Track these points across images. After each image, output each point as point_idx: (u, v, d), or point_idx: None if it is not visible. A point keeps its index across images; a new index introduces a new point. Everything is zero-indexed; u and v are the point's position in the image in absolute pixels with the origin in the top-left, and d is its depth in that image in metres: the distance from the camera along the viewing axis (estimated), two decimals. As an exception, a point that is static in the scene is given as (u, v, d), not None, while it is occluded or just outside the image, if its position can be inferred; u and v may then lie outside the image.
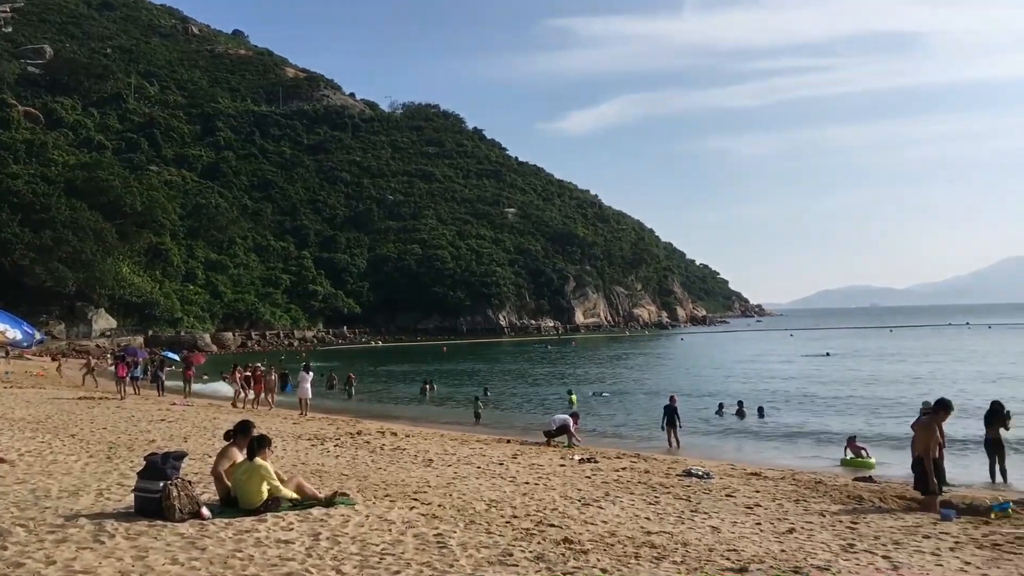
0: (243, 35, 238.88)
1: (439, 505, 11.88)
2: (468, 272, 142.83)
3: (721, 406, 33.03)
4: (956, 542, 10.72)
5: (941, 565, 9.44)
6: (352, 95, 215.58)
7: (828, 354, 69.64)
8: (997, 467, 17.81)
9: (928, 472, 13.14)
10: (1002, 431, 17.95)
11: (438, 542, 9.40)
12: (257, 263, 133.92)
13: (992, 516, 12.63)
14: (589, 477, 16.11)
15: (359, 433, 23.32)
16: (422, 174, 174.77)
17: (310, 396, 32.44)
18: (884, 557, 9.73)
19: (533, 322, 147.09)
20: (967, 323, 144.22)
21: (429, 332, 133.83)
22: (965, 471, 18.90)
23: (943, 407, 13.45)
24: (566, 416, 24.08)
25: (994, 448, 17.88)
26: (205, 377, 51.31)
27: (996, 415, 17.95)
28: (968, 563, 9.59)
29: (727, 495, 14.26)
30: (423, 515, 10.99)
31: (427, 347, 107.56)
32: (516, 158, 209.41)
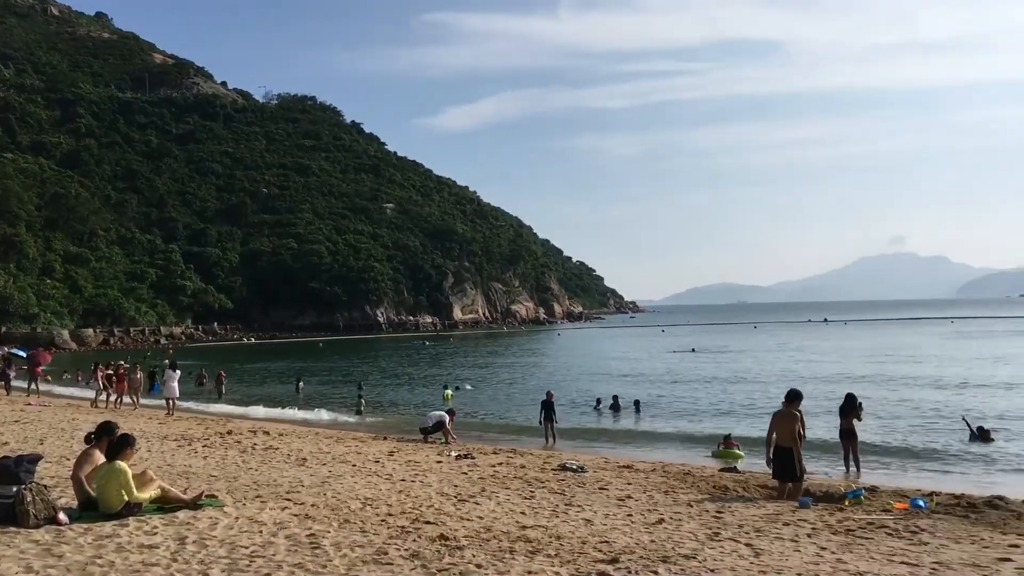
0: (107, 17, 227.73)
1: (312, 505, 11.65)
2: (345, 267, 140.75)
3: (598, 401, 33.69)
4: (813, 528, 11.26)
5: (799, 551, 9.90)
6: (224, 84, 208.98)
7: (694, 350, 72.06)
8: (851, 456, 18.77)
9: (798, 459, 13.81)
10: (855, 422, 18.92)
11: (311, 543, 9.21)
12: (121, 256, 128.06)
13: (846, 503, 13.35)
14: (466, 473, 16.13)
15: (229, 433, 22.62)
16: (298, 167, 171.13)
17: (177, 395, 31.32)
18: (747, 544, 10.12)
19: (411, 318, 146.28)
20: (825, 319, 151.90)
21: (305, 328, 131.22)
22: (819, 462, 19.91)
23: (797, 397, 14.23)
24: (443, 413, 24.08)
25: (848, 439, 18.82)
26: (66, 376, 48.77)
27: (850, 407, 18.92)
28: (824, 548, 10.08)
29: (600, 488, 14.55)
30: (295, 515, 10.75)
31: (302, 344, 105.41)
32: (395, 153, 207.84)
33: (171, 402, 30.51)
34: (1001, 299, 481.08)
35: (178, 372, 32.11)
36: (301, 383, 45.01)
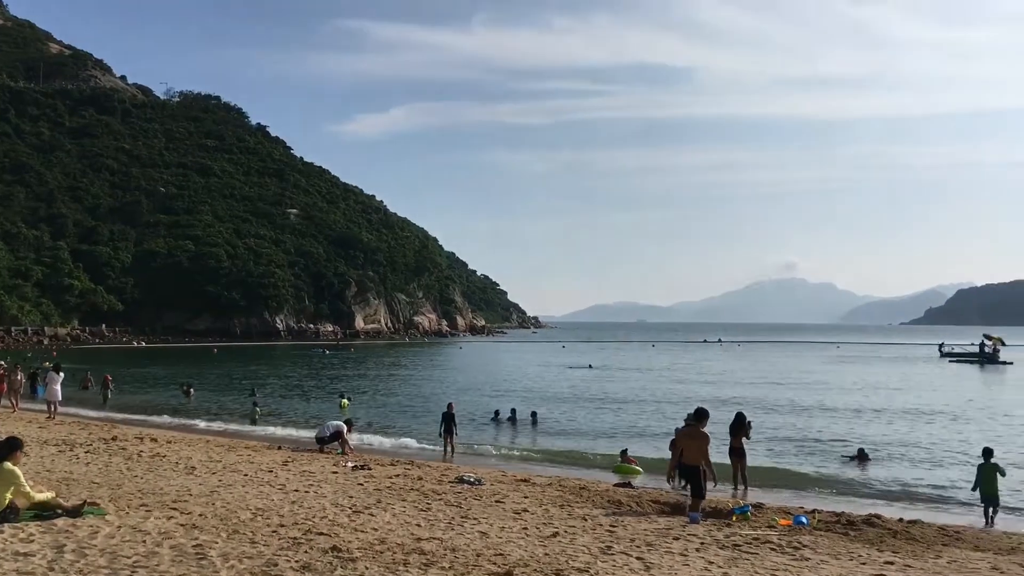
0: (2, 4, 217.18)
1: (200, 515, 11.31)
2: (245, 272, 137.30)
3: (497, 413, 33.78)
4: (702, 543, 11.55)
5: (688, 564, 10.14)
6: (123, 78, 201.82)
7: (591, 366, 73.07)
8: (739, 474, 19.28)
9: (707, 477, 14.02)
10: (744, 440, 19.48)
11: (197, 553, 8.95)
12: (5, 252, 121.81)
13: (734, 519, 13.73)
14: (362, 484, 15.93)
15: (114, 439, 21.79)
16: (199, 167, 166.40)
17: (60, 398, 29.99)
18: (638, 558, 10.31)
19: (312, 326, 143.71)
20: (719, 340, 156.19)
21: (199, 334, 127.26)
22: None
23: (705, 415, 14.43)
24: (340, 423, 23.72)
25: (737, 456, 19.35)
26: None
27: (740, 425, 19.48)
28: (711, 562, 10.36)
29: (497, 501, 14.58)
30: (182, 525, 10.42)
31: (196, 349, 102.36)
32: (301, 158, 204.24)
33: (53, 406, 29.21)
34: (883, 326, 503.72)
35: (61, 375, 30.79)
36: (192, 390, 43.68)
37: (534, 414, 33.26)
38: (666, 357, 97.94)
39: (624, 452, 23.43)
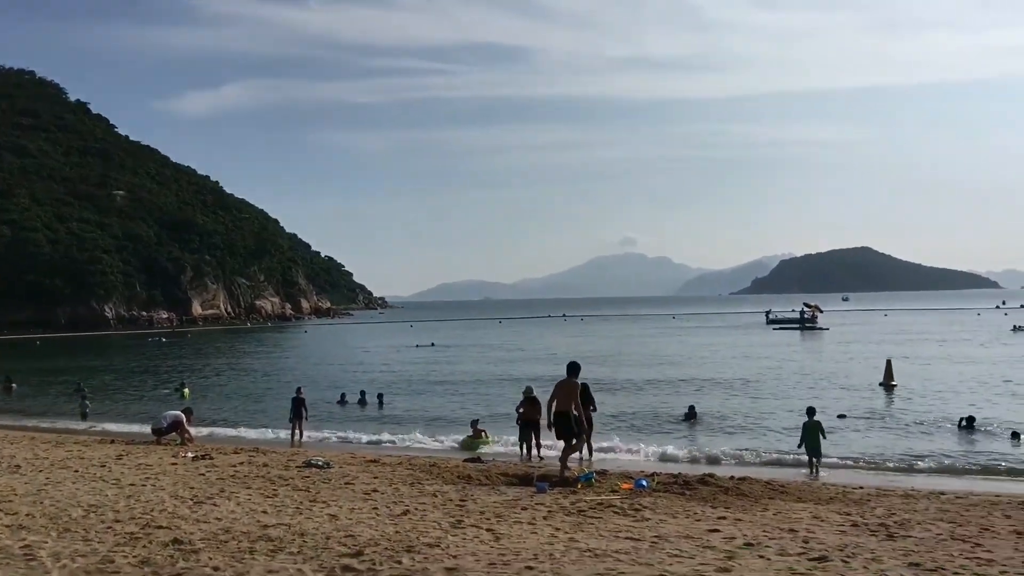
0: None
1: (27, 514, 10.67)
2: (68, 259, 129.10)
3: (343, 396, 33.38)
4: (549, 511, 11.89)
5: (536, 533, 10.41)
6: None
7: (433, 344, 73.40)
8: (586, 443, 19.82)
9: (576, 422, 15.09)
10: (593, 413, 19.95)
11: (25, 554, 8.45)
12: None
13: (579, 486, 14.19)
14: (203, 474, 15.42)
15: (-75, 441, 20.13)
16: (13, 147, 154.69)
17: None
18: (488, 530, 10.50)
19: (145, 314, 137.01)
20: (564, 315, 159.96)
21: (20, 325, 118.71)
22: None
23: (577, 368, 15.41)
24: (178, 412, 22.80)
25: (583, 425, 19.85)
26: None
27: (585, 396, 19.96)
28: (558, 529, 10.68)
29: (346, 483, 14.47)
30: (8, 527, 9.81)
31: (16, 341, 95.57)
32: (126, 136, 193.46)
33: None
34: (715, 297, 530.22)
35: None
36: (14, 384, 40.86)
37: (381, 396, 33.09)
38: (512, 333, 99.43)
39: (474, 423, 23.67)
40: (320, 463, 16.75)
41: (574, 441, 15.34)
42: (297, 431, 24.32)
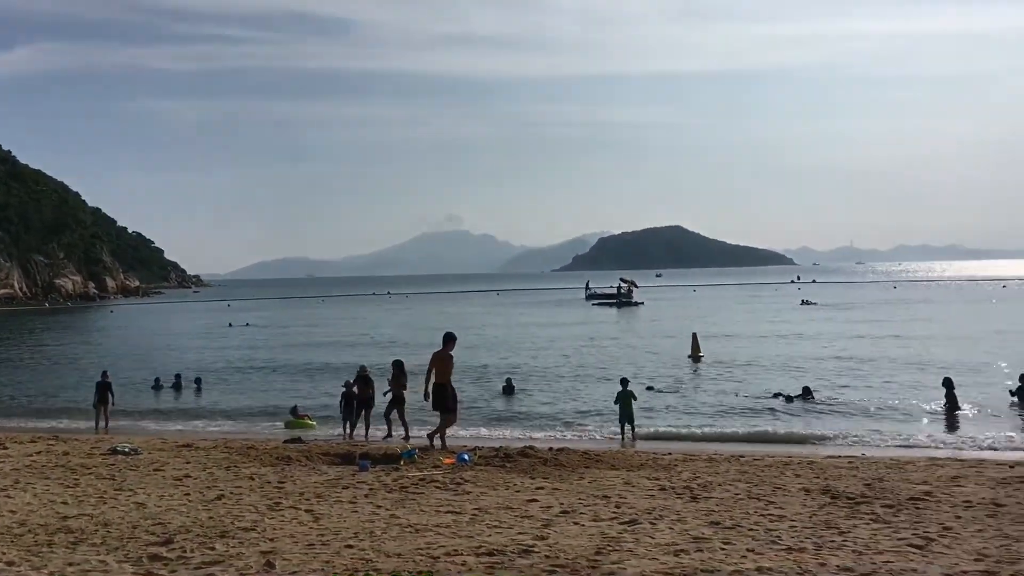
0: None
1: None
2: None
3: (157, 380, 31.75)
4: (371, 489, 11.85)
5: (357, 511, 10.35)
6: None
7: (248, 324, 71.08)
8: (400, 420, 19.59)
9: (452, 394, 16.26)
10: (405, 392, 19.79)
11: None
12: None
13: (402, 463, 14.20)
14: (-6, 466, 14.29)
15: None
16: None
17: None
18: (307, 511, 10.34)
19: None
20: (388, 293, 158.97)
21: None
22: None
23: (453, 339, 16.58)
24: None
25: (398, 403, 19.63)
26: None
27: (399, 373, 19.78)
28: (380, 506, 10.66)
29: (156, 469, 13.82)
30: None
31: None
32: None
33: None
34: (537, 273, 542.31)
35: None
36: None
37: (198, 379, 31.72)
38: (335, 312, 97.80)
39: (294, 409, 23.22)
40: (127, 449, 15.89)
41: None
42: (102, 417, 22.94)
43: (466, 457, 14.43)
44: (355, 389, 20.25)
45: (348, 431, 19.99)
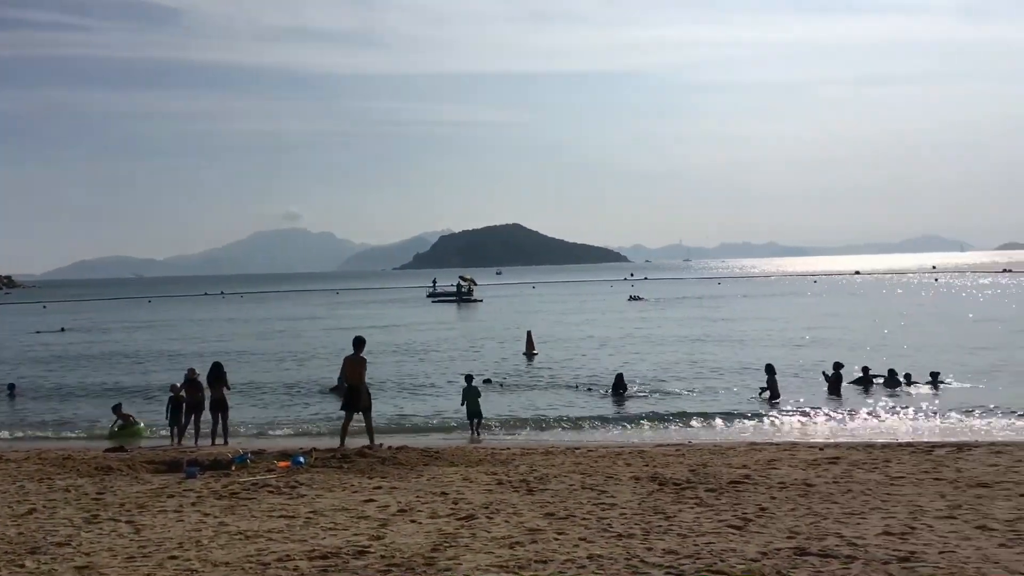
0: None
1: None
2: None
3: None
4: (198, 496, 11.38)
5: (183, 520, 9.91)
6: None
7: (63, 329, 66.59)
8: (221, 425, 18.83)
9: (366, 393, 16.73)
10: (225, 391, 19.02)
11: None
12: None
13: (233, 468, 13.71)
14: None
15: None
16: None
17: None
18: (128, 522, 9.82)
19: None
20: (222, 293, 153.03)
21: None
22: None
23: (363, 342, 16.97)
24: None
25: (219, 409, 18.88)
26: None
27: (218, 376, 18.97)
28: (207, 514, 10.26)
29: (-43, 486, 12.73)
30: None
31: None
32: None
33: None
34: (378, 272, 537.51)
35: None
36: None
37: (12, 386, 29.42)
38: (161, 313, 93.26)
39: (117, 406, 21.83)
40: (-76, 466, 14.54)
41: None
42: None
43: (301, 459, 14.10)
44: (183, 393, 19.35)
45: (177, 438, 19.08)
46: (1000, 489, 10.73)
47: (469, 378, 20.26)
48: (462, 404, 19.66)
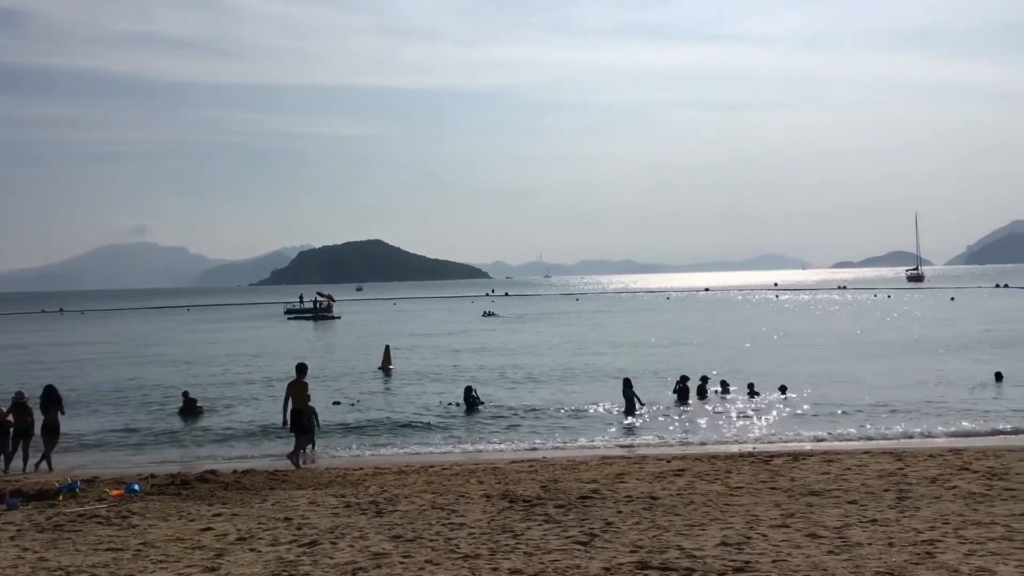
0: None
1: None
2: None
3: None
4: (19, 530, 10.57)
5: (-2, 557, 9.15)
6: None
7: None
8: (48, 452, 17.59)
9: (307, 416, 17.27)
10: (60, 416, 17.83)
11: None
12: None
13: (60, 498, 12.81)
14: None
15: None
16: None
17: None
18: (-68, 562, 8.96)
19: None
20: (60, 309, 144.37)
21: None
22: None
23: (306, 369, 17.46)
24: None
25: (50, 434, 17.62)
26: None
27: (52, 399, 17.76)
28: (27, 549, 9.53)
29: None
30: None
31: None
32: None
33: None
34: (235, 288, 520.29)
35: None
36: None
37: None
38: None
39: None
40: None
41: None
42: None
43: (136, 487, 13.32)
44: (11, 418, 17.98)
45: (3, 465, 17.69)
46: (829, 497, 11.29)
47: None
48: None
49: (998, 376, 26.98)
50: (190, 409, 24.91)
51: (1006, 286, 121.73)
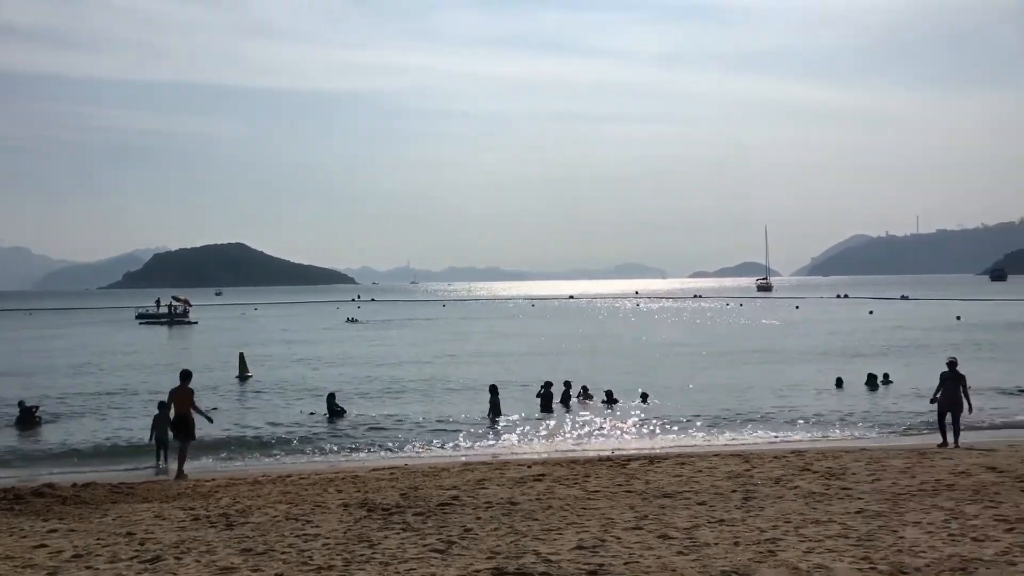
0: None
1: None
2: None
3: None
4: None
5: None
6: None
7: None
8: None
9: (191, 423, 16.74)
10: None
11: None
12: None
13: None
14: None
15: None
16: None
17: None
18: None
19: None
20: None
21: None
22: None
23: (190, 375, 17.52)
24: None
25: None
26: None
27: None
28: None
29: None
30: None
31: None
32: None
33: None
34: (82, 291, 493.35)
35: None
36: None
37: None
38: None
39: None
40: None
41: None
42: None
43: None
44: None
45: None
46: (681, 499, 11.64)
47: (162, 405, 18.57)
48: (151, 437, 18.19)
49: (839, 382, 28.66)
50: (27, 419, 23.30)
51: (846, 296, 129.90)
